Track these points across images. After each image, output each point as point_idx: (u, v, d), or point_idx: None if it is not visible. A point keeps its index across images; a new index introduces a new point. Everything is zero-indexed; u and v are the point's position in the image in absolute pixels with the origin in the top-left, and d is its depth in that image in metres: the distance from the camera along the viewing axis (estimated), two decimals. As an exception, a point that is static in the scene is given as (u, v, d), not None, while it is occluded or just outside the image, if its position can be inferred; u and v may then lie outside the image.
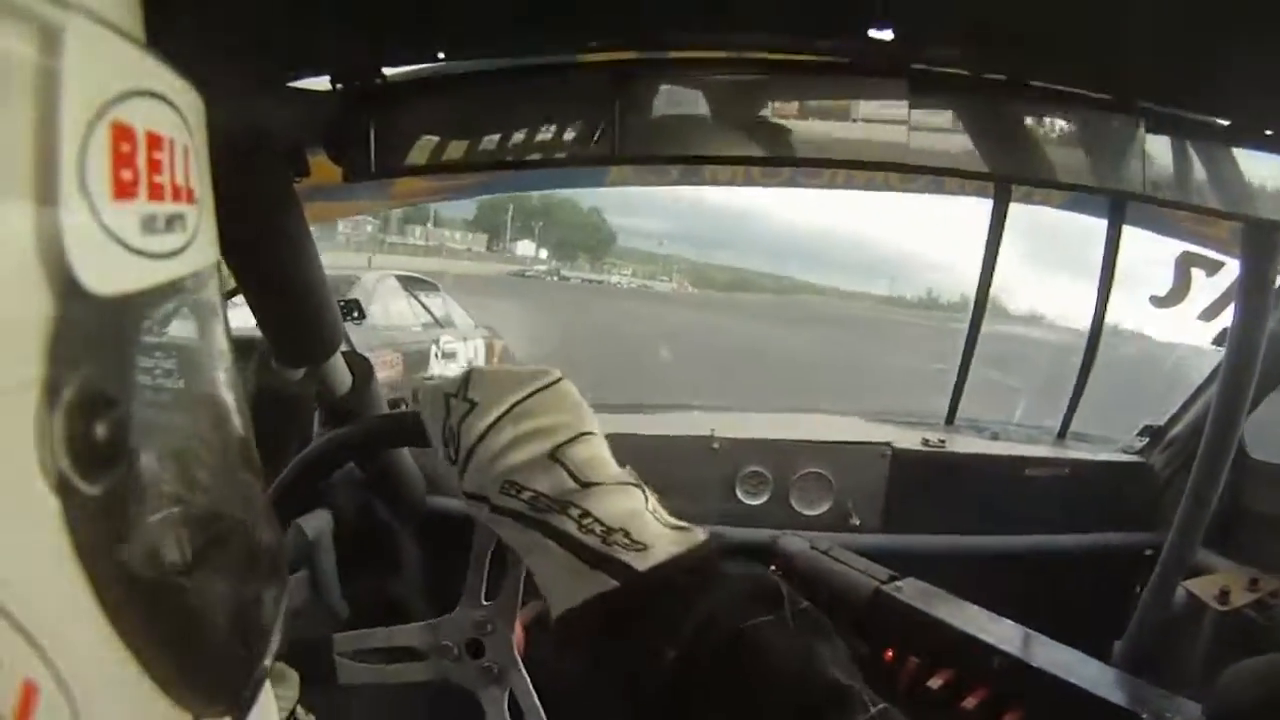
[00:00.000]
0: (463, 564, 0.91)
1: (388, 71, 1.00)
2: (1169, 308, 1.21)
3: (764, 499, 1.55)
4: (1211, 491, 1.29)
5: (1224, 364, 1.25)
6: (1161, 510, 1.58)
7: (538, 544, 0.61)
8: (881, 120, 0.95)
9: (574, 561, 0.59)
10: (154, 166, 0.29)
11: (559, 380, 0.68)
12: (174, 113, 0.31)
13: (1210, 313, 1.27)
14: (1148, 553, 1.47)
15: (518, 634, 0.88)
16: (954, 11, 0.88)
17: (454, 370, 6.35)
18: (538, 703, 0.86)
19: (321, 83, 0.99)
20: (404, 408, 1.51)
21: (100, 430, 0.27)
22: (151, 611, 0.30)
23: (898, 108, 0.94)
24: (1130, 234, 1.59)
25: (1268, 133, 1.03)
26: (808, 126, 0.95)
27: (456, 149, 1.01)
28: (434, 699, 0.96)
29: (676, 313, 20.84)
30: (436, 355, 6.46)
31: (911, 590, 1.08)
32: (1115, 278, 1.69)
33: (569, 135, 0.97)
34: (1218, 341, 1.31)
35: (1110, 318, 1.73)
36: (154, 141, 0.29)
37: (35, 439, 0.24)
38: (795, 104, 0.96)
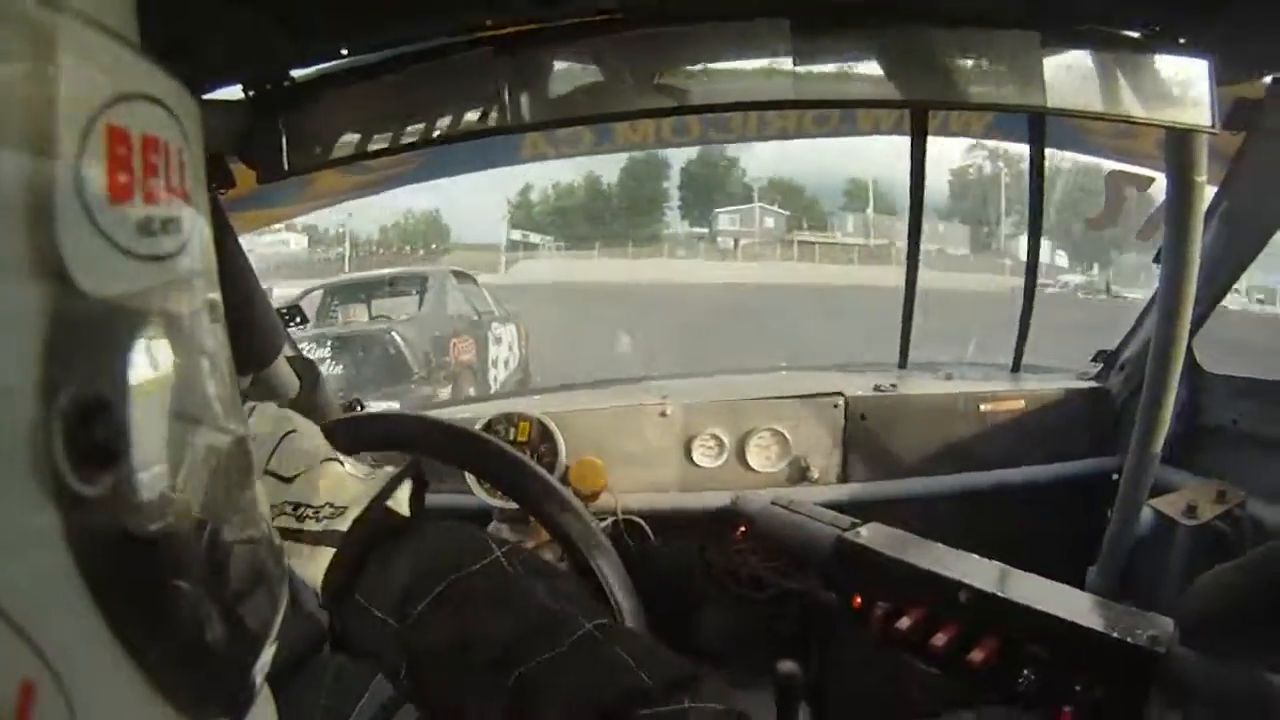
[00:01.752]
0: None
1: (296, 74, 1.01)
2: (1104, 229, 1.21)
3: (721, 461, 1.54)
4: (1164, 410, 1.29)
5: (1160, 282, 1.25)
6: (1122, 434, 1.58)
7: (287, 552, 0.60)
8: (776, 60, 0.93)
9: (304, 549, 0.61)
10: (149, 169, 0.29)
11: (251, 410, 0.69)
12: (169, 116, 0.32)
13: (1145, 231, 1.27)
14: (1114, 477, 1.47)
15: None
16: None
17: (503, 353, 7.52)
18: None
19: (234, 92, 1.01)
20: (358, 409, 1.50)
21: (97, 432, 0.27)
22: (149, 613, 0.30)
23: (786, 43, 0.93)
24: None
25: (1180, 41, 1.03)
26: (702, 74, 0.94)
27: (363, 139, 1.02)
28: None
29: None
30: (493, 340, 7.36)
31: (873, 535, 1.08)
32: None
33: (465, 111, 0.98)
34: (1157, 259, 1.31)
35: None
36: (149, 144, 0.30)
37: (32, 441, 0.24)
38: (687, 53, 0.95)
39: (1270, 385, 1.42)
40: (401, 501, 0.63)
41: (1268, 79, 1.14)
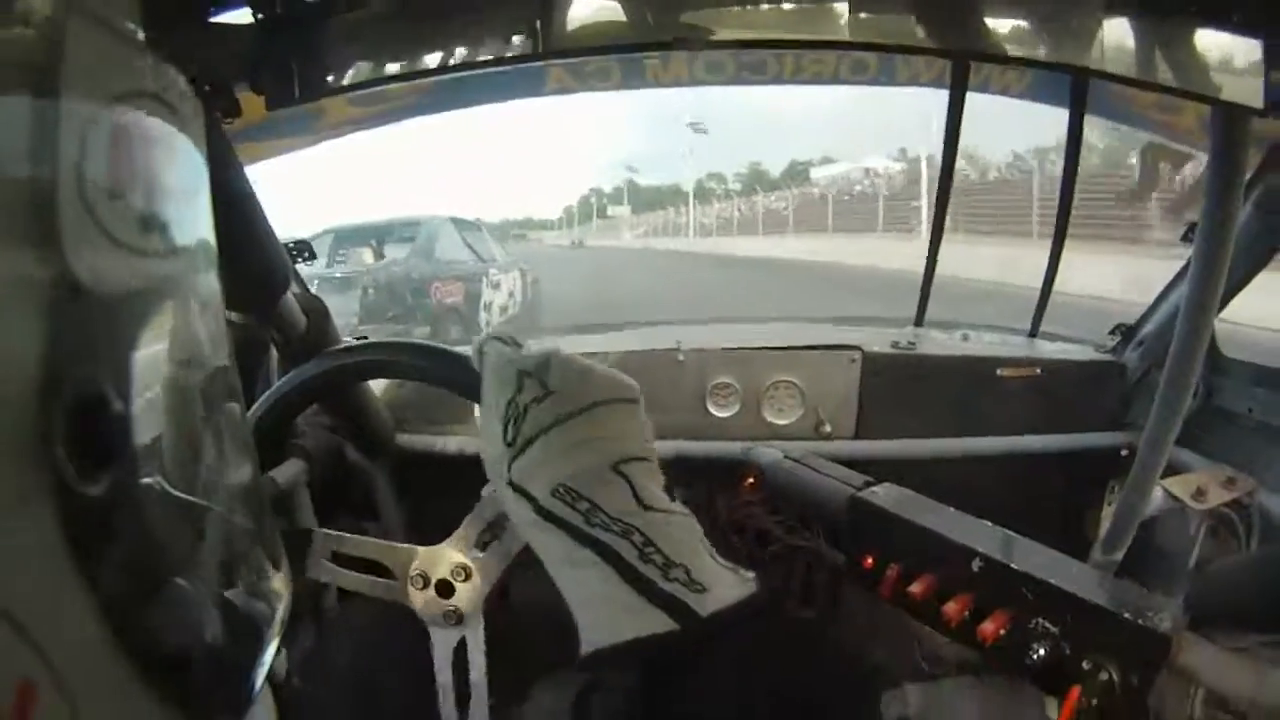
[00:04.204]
0: (434, 501, 0.94)
1: None
2: (1136, 204, 1.18)
3: (734, 410, 1.54)
4: (1184, 391, 1.27)
5: (1193, 261, 1.21)
6: (1135, 410, 1.59)
7: (586, 562, 0.58)
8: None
9: (629, 594, 0.57)
10: (152, 166, 0.30)
11: (638, 399, 0.67)
12: (172, 113, 0.32)
13: (1177, 207, 1.24)
14: (1123, 453, 1.48)
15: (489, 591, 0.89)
16: None
17: (500, 298, 7.86)
18: (484, 659, 0.88)
19: (242, 15, 0.95)
20: None
21: (98, 430, 0.27)
22: (149, 613, 0.30)
23: None
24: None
25: (1235, 17, 0.99)
26: (741, 9, 0.91)
27: (378, 65, 0.99)
28: (384, 622, 0.99)
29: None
30: (488, 285, 7.77)
31: (888, 495, 1.07)
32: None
33: (491, 37, 0.95)
34: (1186, 237, 1.28)
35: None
36: (152, 141, 0.30)
37: (33, 439, 0.24)
38: None
39: None
40: None
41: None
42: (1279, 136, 1.26)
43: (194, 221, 0.34)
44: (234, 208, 1.06)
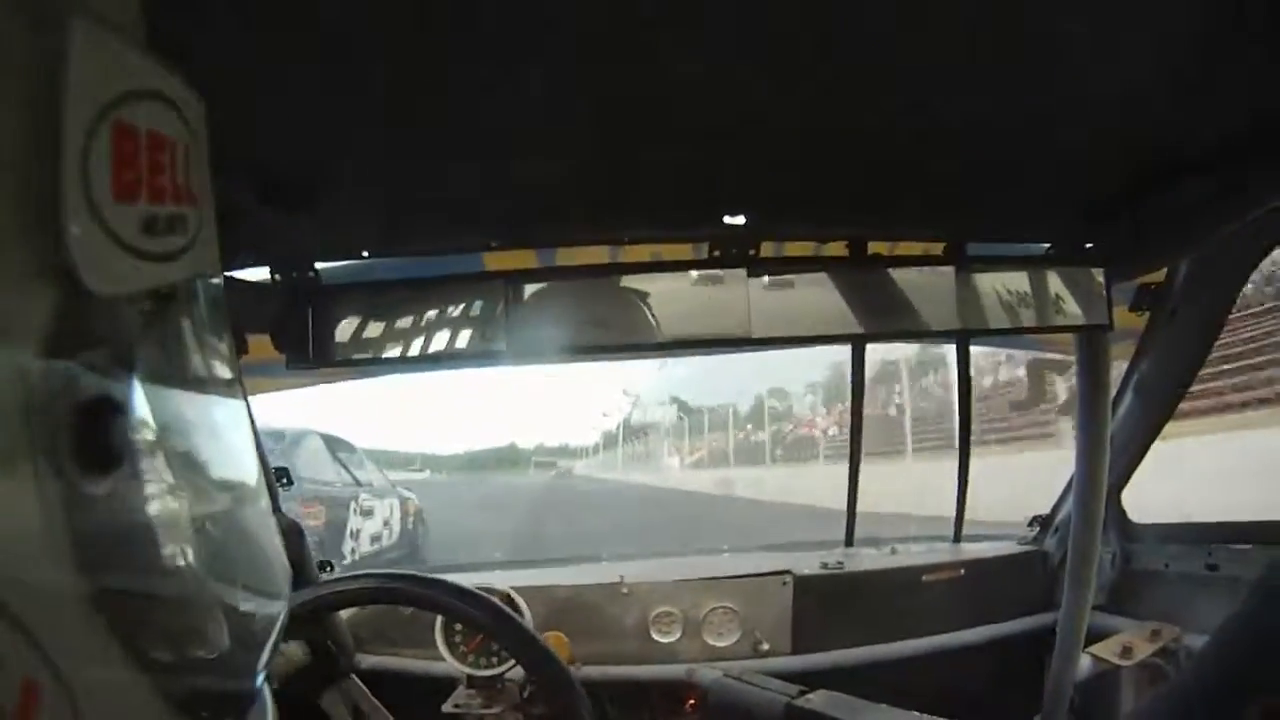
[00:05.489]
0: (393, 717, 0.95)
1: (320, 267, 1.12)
2: (1028, 410, 1.36)
3: (676, 636, 1.59)
4: (1090, 562, 1.40)
5: (1077, 448, 1.38)
6: (1059, 591, 1.64)
7: None
8: (741, 301, 1.08)
9: None
10: (156, 168, 0.29)
11: None
12: (176, 114, 0.31)
13: (1068, 406, 1.42)
14: (1053, 632, 1.53)
15: None
16: (796, 192, 1.03)
17: (372, 527, 6.93)
18: None
19: (260, 273, 1.11)
20: (329, 570, 1.58)
21: (102, 431, 0.27)
22: (152, 613, 0.30)
23: (756, 288, 1.08)
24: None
25: (1088, 246, 1.21)
26: (677, 313, 1.09)
27: (380, 345, 1.12)
28: None
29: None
30: (355, 511, 6.80)
31: (822, 701, 1.12)
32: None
33: (470, 334, 1.10)
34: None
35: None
36: (156, 142, 0.30)
37: (38, 440, 0.25)
38: (664, 295, 1.09)
39: (1193, 528, 1.54)
40: None
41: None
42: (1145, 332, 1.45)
43: (198, 222, 0.32)
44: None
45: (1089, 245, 1.22)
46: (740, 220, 1.07)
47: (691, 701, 1.40)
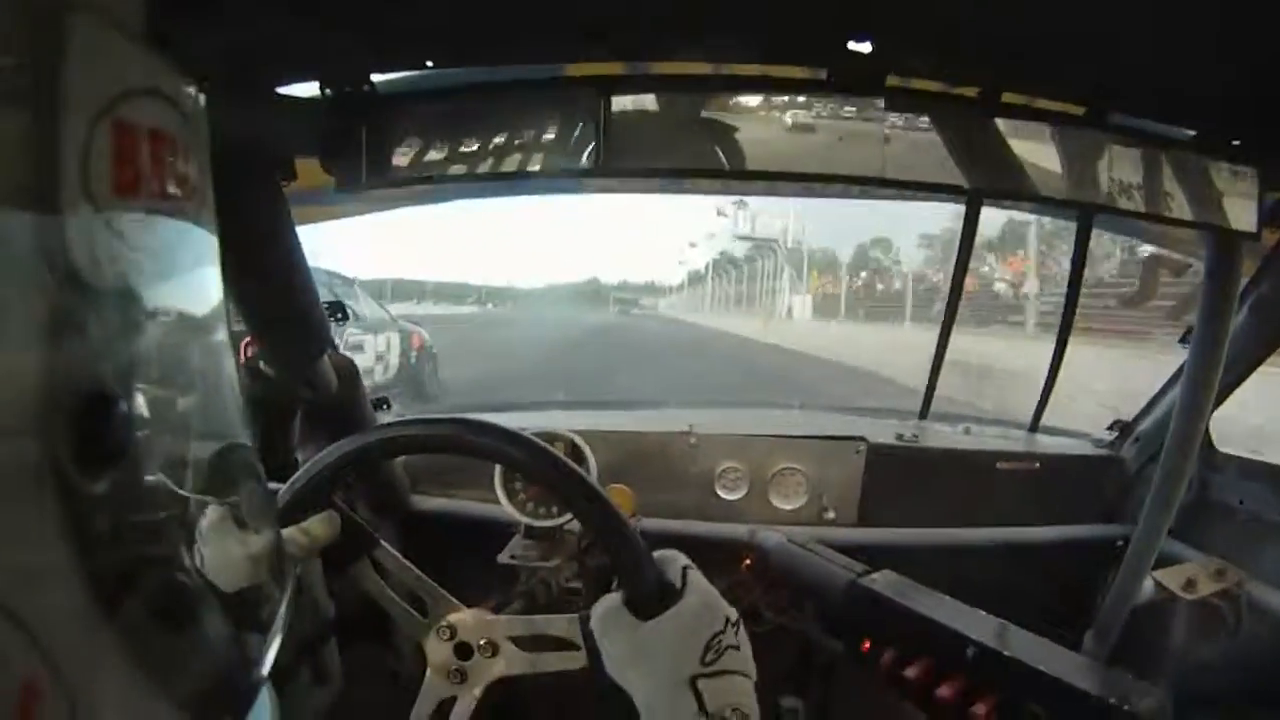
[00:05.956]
0: (443, 562, 0.95)
1: (375, 79, 1.00)
2: (1137, 307, 1.25)
3: (741, 494, 1.58)
4: (1177, 485, 1.33)
5: (1188, 362, 1.29)
6: (1131, 503, 1.63)
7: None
8: (858, 135, 0.97)
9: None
10: (156, 163, 0.30)
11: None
12: (176, 111, 0.31)
13: (1175, 311, 1.31)
14: (1119, 544, 1.51)
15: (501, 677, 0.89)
16: (930, 24, 0.90)
17: (363, 361, 6.62)
18: None
19: (310, 89, 1.00)
20: (385, 409, 1.54)
21: (102, 428, 0.27)
22: (152, 611, 0.30)
23: (875, 124, 0.96)
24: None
25: (1234, 143, 1.07)
26: (786, 141, 0.97)
27: (444, 161, 1.02)
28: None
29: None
30: (343, 346, 6.55)
31: (886, 582, 1.11)
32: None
33: (555, 147, 0.99)
34: (1183, 340, 1.35)
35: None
36: (157, 139, 0.30)
37: (37, 436, 0.24)
38: (774, 118, 0.98)
39: (1277, 471, 1.46)
40: None
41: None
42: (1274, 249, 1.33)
43: (198, 218, 0.33)
44: (285, 269, 1.12)
45: (1237, 142, 1.08)
46: (866, 48, 0.94)
47: (748, 562, 1.36)
